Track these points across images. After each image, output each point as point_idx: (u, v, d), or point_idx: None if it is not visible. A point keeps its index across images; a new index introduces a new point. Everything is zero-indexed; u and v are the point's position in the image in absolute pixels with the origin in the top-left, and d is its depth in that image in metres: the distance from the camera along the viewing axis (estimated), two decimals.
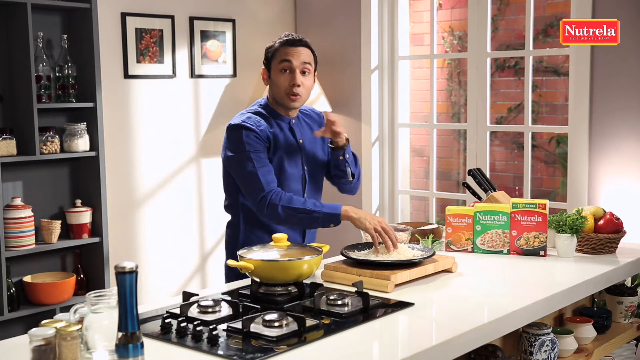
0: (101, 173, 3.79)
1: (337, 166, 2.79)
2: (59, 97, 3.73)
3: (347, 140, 2.76)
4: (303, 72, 2.65)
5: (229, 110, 4.59)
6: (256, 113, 2.68)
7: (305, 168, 2.74)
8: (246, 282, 2.43)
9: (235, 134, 2.62)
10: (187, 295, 2.13)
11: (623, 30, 3.64)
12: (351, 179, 2.80)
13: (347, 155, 2.77)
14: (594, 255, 2.81)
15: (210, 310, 2.05)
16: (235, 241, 2.74)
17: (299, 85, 2.63)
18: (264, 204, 2.53)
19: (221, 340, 1.84)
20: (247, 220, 2.71)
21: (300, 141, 2.73)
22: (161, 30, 4.25)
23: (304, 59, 2.65)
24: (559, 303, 2.37)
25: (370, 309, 2.10)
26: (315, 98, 4.53)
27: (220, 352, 1.77)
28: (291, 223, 2.59)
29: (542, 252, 2.77)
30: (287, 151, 2.69)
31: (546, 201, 2.80)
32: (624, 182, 3.71)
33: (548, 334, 2.40)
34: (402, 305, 2.16)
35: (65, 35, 3.74)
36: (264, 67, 2.73)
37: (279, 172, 2.65)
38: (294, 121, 2.74)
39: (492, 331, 2.07)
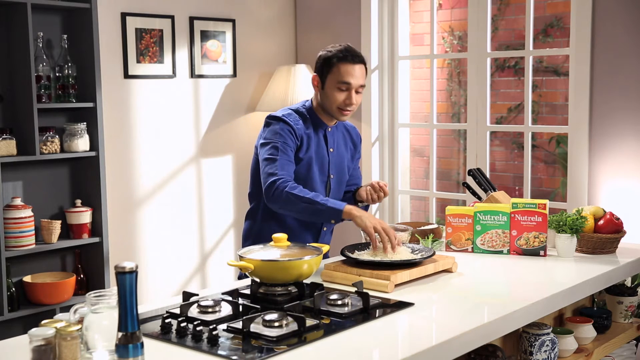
0: (101, 173, 3.79)
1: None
2: (59, 97, 3.73)
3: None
4: (357, 91, 2.73)
5: (229, 110, 4.60)
6: (297, 112, 2.78)
7: (332, 176, 2.84)
8: (246, 282, 2.43)
9: (273, 124, 2.73)
10: (187, 295, 2.14)
11: (623, 30, 3.64)
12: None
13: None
14: (594, 255, 2.80)
15: (210, 310, 2.05)
16: (249, 234, 2.84)
17: (353, 104, 2.72)
18: (272, 187, 2.59)
19: (221, 340, 1.84)
20: (265, 209, 2.77)
21: (331, 150, 2.84)
22: (161, 30, 4.25)
23: (361, 81, 2.73)
24: (559, 303, 2.37)
25: (370, 309, 2.11)
26: None
27: (220, 352, 1.77)
28: (294, 211, 2.61)
29: (542, 252, 2.77)
30: (317, 155, 2.78)
31: (546, 201, 2.80)
32: (624, 182, 3.71)
33: (548, 334, 2.40)
34: (402, 305, 2.16)
35: (65, 35, 3.74)
36: (316, 73, 2.76)
37: (306, 171, 2.75)
38: (329, 129, 2.83)
39: (492, 331, 2.07)
